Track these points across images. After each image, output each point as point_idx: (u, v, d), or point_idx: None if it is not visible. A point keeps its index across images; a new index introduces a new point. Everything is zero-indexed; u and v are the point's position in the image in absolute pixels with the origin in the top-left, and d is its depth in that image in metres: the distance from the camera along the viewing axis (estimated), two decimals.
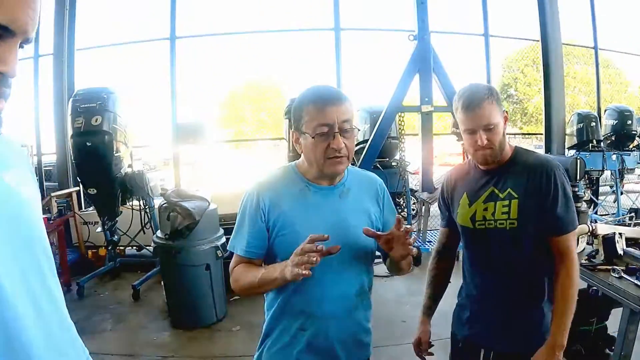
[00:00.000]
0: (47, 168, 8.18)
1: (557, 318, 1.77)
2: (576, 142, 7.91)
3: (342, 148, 1.53)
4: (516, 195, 1.83)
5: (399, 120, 5.31)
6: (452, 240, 2.17)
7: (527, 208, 1.81)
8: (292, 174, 1.68)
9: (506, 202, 1.85)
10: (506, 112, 1.89)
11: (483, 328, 1.97)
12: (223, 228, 4.82)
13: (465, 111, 1.81)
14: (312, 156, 1.57)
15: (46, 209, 6.23)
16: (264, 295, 1.71)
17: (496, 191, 1.89)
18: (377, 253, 1.74)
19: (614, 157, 7.61)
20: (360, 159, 5.05)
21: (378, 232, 1.56)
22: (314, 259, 1.34)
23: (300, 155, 1.67)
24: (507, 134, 1.92)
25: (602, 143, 7.96)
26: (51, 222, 5.27)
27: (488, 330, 1.95)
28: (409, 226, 1.52)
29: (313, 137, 1.52)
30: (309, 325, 1.60)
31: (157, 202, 5.32)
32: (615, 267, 2.56)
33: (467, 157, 2.13)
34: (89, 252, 6.59)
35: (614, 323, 2.65)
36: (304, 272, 1.34)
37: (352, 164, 1.72)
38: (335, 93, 1.59)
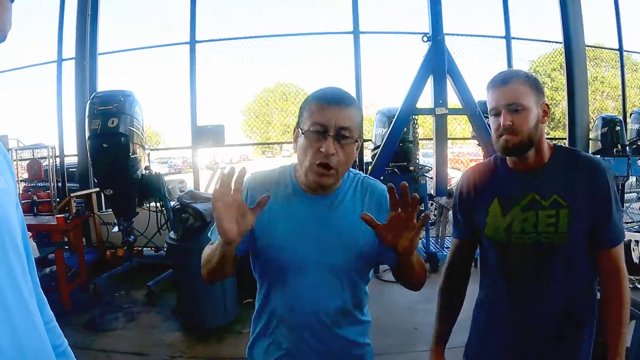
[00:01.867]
0: (71, 170, 8.37)
1: (615, 346, 1.52)
2: (600, 147, 7.72)
3: (332, 155, 1.35)
4: (564, 203, 1.52)
5: (413, 122, 5.27)
6: (468, 255, 1.83)
7: (579, 218, 1.51)
8: (286, 175, 1.55)
9: (552, 212, 1.53)
10: (546, 104, 1.58)
11: None
12: None
13: (491, 89, 1.58)
14: (301, 157, 1.42)
15: (65, 209, 6.37)
16: None
17: (537, 197, 1.55)
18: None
19: (639, 162, 7.39)
20: (373, 163, 5.03)
21: (376, 222, 1.29)
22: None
23: None
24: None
25: (627, 148, 7.76)
26: (68, 221, 5.35)
27: None
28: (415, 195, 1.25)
29: (303, 134, 1.39)
30: (284, 330, 1.54)
31: None
32: (630, 276, 2.33)
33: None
34: (108, 252, 6.70)
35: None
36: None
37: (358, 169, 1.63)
38: (340, 95, 1.43)
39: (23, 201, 7.05)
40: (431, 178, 6.09)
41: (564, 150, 1.63)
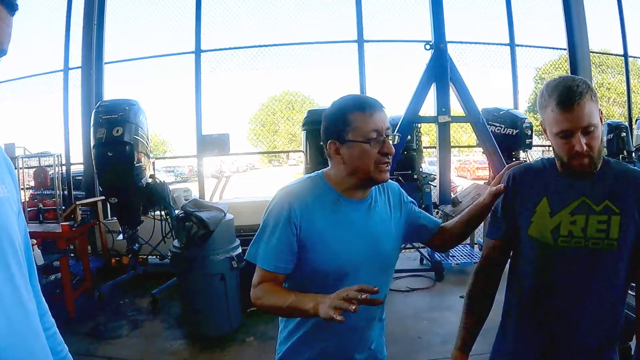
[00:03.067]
0: (77, 178, 8.43)
1: None
2: (606, 153, 7.66)
3: (393, 153, 1.54)
4: (617, 210, 1.47)
5: (416, 131, 5.29)
6: (502, 257, 1.77)
7: (630, 227, 1.47)
8: (321, 185, 1.61)
9: (603, 218, 1.48)
10: (601, 111, 1.49)
11: None
12: (240, 239, 4.85)
13: (561, 108, 1.44)
14: (360, 164, 1.51)
15: (71, 216, 6.41)
16: None
17: (588, 202, 1.50)
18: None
19: None
20: None
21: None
22: (353, 307, 1.24)
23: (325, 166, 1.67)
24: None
25: (633, 154, 7.72)
26: (74, 229, 5.39)
27: None
28: None
29: (367, 143, 1.49)
30: (328, 336, 1.60)
31: None
32: (632, 283, 2.34)
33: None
34: (113, 260, 6.73)
35: None
36: (338, 317, 1.24)
37: None
38: (376, 100, 1.57)
39: (29, 209, 7.11)
40: (435, 186, 6.08)
41: (612, 162, 1.58)
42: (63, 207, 7.15)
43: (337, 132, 1.53)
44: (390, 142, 1.54)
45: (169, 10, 8.49)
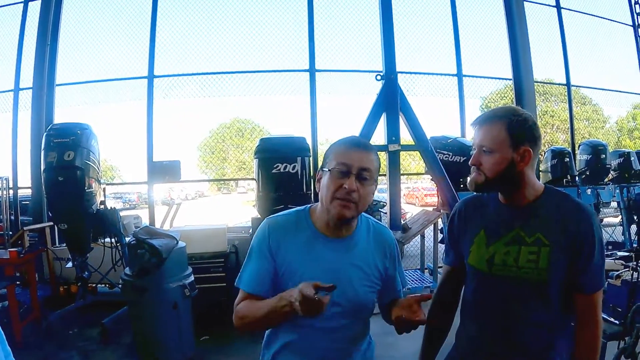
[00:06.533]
0: (24, 202, 8.16)
1: None
2: (551, 178, 7.99)
3: (354, 191, 1.52)
4: (547, 243, 1.56)
5: None
6: (457, 282, 1.89)
7: (560, 258, 1.55)
8: (303, 219, 1.69)
9: (534, 249, 1.57)
10: (527, 150, 1.58)
11: None
12: (192, 267, 4.82)
13: (474, 125, 1.67)
14: (324, 193, 1.58)
15: (18, 243, 6.21)
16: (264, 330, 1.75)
17: (522, 234, 1.61)
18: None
19: (588, 191, 7.64)
20: None
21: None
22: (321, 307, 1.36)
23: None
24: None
25: (576, 178, 8.06)
26: (21, 256, 5.23)
27: None
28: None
29: (329, 171, 1.56)
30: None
31: None
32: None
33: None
34: (61, 288, 6.52)
35: None
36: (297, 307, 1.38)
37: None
38: (364, 142, 1.65)
39: None
40: (385, 213, 6.20)
41: (554, 192, 1.65)
42: (10, 233, 6.91)
43: (323, 162, 1.64)
44: (361, 182, 1.54)
45: (123, 35, 8.42)
